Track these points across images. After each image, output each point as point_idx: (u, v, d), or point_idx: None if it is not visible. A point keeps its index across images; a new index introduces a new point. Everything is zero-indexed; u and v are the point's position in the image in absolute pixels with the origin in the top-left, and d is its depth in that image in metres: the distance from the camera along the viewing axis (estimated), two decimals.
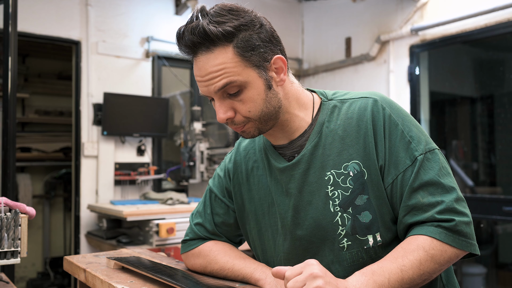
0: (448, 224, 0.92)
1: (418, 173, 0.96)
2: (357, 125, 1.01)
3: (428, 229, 0.92)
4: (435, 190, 0.95)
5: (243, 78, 0.96)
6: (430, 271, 0.91)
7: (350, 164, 1.00)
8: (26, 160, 4.82)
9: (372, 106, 1.02)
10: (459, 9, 3.33)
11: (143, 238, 3.10)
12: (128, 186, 3.76)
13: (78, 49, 3.62)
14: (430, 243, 0.91)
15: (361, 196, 0.99)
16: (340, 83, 4.30)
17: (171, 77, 4.12)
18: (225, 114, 0.99)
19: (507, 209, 2.99)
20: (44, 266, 4.94)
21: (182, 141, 3.93)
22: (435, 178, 0.96)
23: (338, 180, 1.01)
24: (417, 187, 0.95)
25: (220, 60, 0.95)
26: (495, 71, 4.03)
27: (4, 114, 2.22)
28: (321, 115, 1.06)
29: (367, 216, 0.98)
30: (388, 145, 0.99)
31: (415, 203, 0.95)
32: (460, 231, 0.93)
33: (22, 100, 4.97)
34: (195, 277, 1.10)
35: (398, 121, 1.00)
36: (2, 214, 1.18)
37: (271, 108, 1.01)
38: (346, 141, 1.02)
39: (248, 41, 0.96)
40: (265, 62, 0.98)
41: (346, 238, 0.99)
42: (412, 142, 0.98)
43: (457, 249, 0.93)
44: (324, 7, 4.53)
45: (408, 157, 0.97)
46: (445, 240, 0.91)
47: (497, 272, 4.11)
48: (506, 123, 3.74)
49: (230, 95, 0.98)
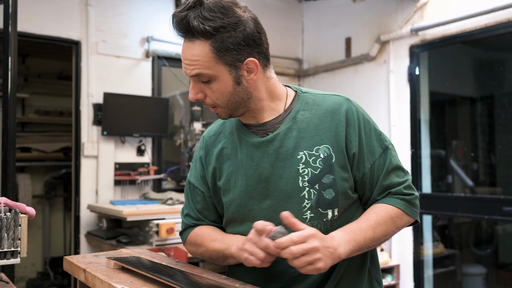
0: (409, 197, 1.19)
1: (390, 159, 1.20)
2: (331, 116, 1.18)
3: (396, 201, 1.18)
4: (400, 172, 1.21)
5: (213, 72, 1.10)
6: (391, 233, 1.17)
7: (322, 147, 1.16)
8: (26, 160, 4.82)
9: (347, 104, 1.20)
10: (459, 9, 3.33)
11: (143, 238, 3.10)
12: (128, 186, 3.76)
13: (78, 49, 3.62)
14: (396, 212, 1.17)
15: (328, 176, 1.15)
16: (340, 83, 4.30)
17: (171, 77, 4.12)
18: (194, 95, 1.15)
19: (507, 209, 2.99)
20: (44, 266, 4.94)
21: (182, 141, 3.93)
22: (399, 164, 1.22)
23: (309, 160, 1.16)
24: (390, 170, 1.19)
25: (197, 52, 1.09)
26: (495, 71, 4.03)
27: (4, 114, 2.22)
28: (296, 104, 1.22)
29: (330, 193, 1.14)
30: (364, 136, 1.18)
31: (389, 182, 1.19)
32: (414, 203, 1.20)
33: (22, 100, 4.97)
34: (195, 277, 1.10)
35: (367, 118, 1.22)
36: (2, 214, 1.18)
37: (239, 99, 1.15)
38: (320, 128, 1.18)
39: (224, 43, 1.08)
40: (238, 62, 1.11)
41: (310, 210, 1.15)
42: (381, 135, 1.22)
43: (410, 217, 1.19)
44: (324, 7, 4.53)
45: (379, 146, 1.20)
46: (405, 210, 1.18)
47: (497, 272, 4.11)
48: (506, 123, 3.74)
49: (202, 82, 1.13)
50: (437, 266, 3.80)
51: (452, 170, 3.99)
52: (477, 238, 4.33)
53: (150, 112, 3.81)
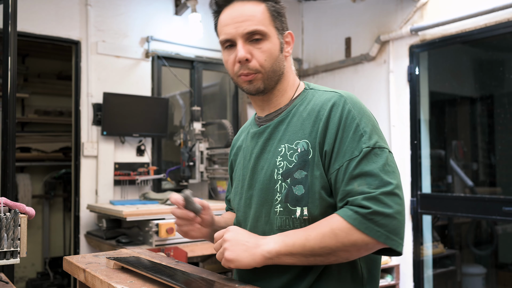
0: (363, 210, 0.98)
1: (360, 163, 1.03)
2: (317, 112, 1.14)
3: (345, 212, 1.01)
4: (372, 181, 1.01)
5: (268, 30, 1.14)
6: (332, 247, 1.00)
7: (301, 142, 1.13)
8: (25, 160, 4.81)
9: (335, 100, 1.13)
10: (459, 9, 3.33)
11: (143, 238, 3.10)
12: (128, 186, 3.76)
13: (78, 49, 3.62)
14: (339, 223, 1.00)
15: (300, 172, 1.11)
16: (340, 83, 4.30)
17: (171, 77, 4.12)
18: (246, 54, 1.13)
19: (507, 209, 2.99)
20: (44, 266, 4.94)
21: (182, 141, 3.92)
22: (375, 171, 1.02)
23: (287, 153, 1.15)
24: (356, 175, 1.03)
25: (254, 9, 1.14)
26: (495, 71, 4.03)
27: (3, 114, 2.22)
28: (298, 99, 1.22)
29: (300, 190, 1.10)
30: (340, 135, 1.08)
31: (350, 189, 1.03)
32: (373, 219, 0.97)
33: (22, 100, 4.97)
34: (194, 277, 1.10)
35: (356, 117, 1.09)
36: (2, 214, 1.18)
37: (278, 68, 1.18)
38: (305, 123, 1.15)
39: (277, 8, 1.17)
40: (283, 30, 1.19)
41: (280, 204, 1.13)
42: (364, 136, 1.06)
43: (365, 235, 0.98)
44: (324, 7, 4.53)
45: (356, 148, 1.05)
46: (353, 224, 0.98)
47: (497, 272, 4.11)
48: (506, 123, 3.74)
49: (252, 42, 1.14)
50: (437, 266, 3.80)
51: (452, 170, 4.00)
52: (477, 238, 4.33)
53: (150, 112, 3.81)
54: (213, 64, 4.32)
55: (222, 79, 4.58)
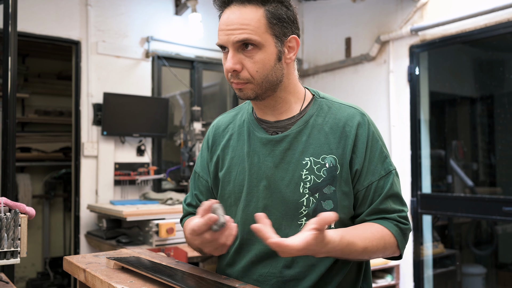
0: (404, 226, 1.14)
1: (391, 185, 1.15)
2: (342, 127, 1.16)
3: (392, 227, 1.13)
4: (399, 202, 1.16)
5: (261, 39, 1.08)
6: (376, 256, 1.11)
7: (328, 157, 1.14)
8: (26, 160, 4.81)
9: (360, 117, 1.17)
10: (459, 9, 3.33)
11: (143, 238, 3.10)
12: (128, 186, 3.76)
13: (78, 49, 3.62)
14: (389, 238, 1.11)
15: (329, 187, 1.13)
16: (340, 83, 4.30)
17: (171, 77, 4.12)
18: (234, 64, 1.09)
19: (507, 209, 2.99)
20: (44, 266, 4.93)
21: (182, 141, 3.92)
22: (399, 193, 1.17)
23: (314, 167, 1.14)
24: (388, 196, 1.14)
25: (249, 16, 1.08)
26: (495, 71, 4.03)
27: (4, 114, 2.22)
28: (312, 108, 1.20)
29: (329, 205, 1.13)
30: (369, 155, 1.15)
31: (385, 207, 1.14)
32: (406, 235, 1.15)
33: (22, 100, 4.97)
34: (194, 277, 1.10)
35: (378, 139, 1.18)
36: (2, 214, 1.18)
37: (274, 77, 1.13)
38: (330, 137, 1.16)
39: (278, 12, 1.10)
40: (284, 36, 1.12)
41: (306, 218, 1.13)
42: (387, 158, 1.18)
43: (397, 248, 1.14)
44: (324, 7, 4.53)
45: (383, 169, 1.16)
46: (398, 240, 1.13)
47: (497, 272, 4.11)
48: (506, 123, 3.74)
49: (244, 51, 1.09)
50: (437, 266, 3.80)
51: (452, 170, 4.00)
52: (477, 238, 4.33)
53: (150, 112, 3.81)
54: (213, 64, 4.32)
55: (222, 79, 4.58)
